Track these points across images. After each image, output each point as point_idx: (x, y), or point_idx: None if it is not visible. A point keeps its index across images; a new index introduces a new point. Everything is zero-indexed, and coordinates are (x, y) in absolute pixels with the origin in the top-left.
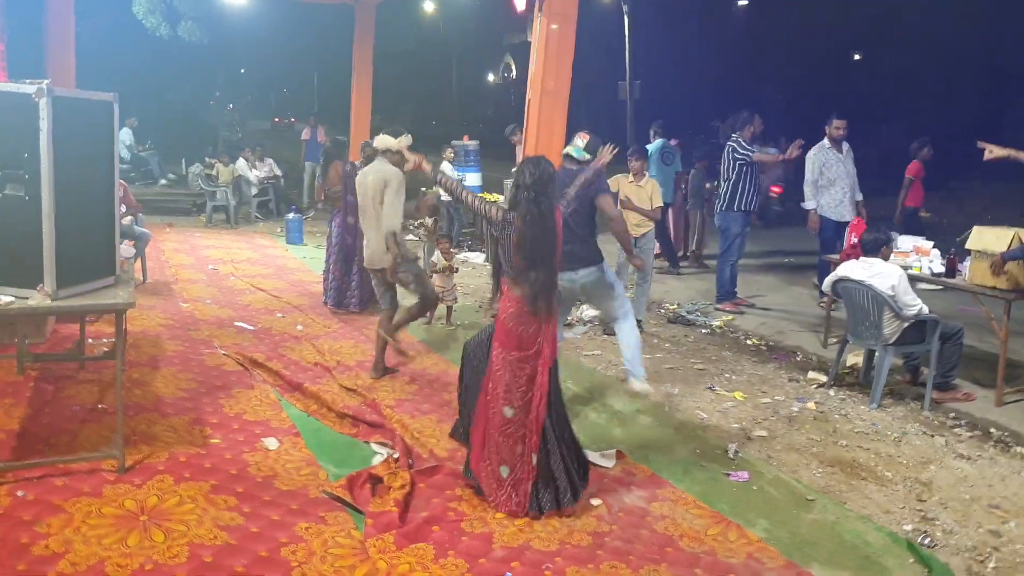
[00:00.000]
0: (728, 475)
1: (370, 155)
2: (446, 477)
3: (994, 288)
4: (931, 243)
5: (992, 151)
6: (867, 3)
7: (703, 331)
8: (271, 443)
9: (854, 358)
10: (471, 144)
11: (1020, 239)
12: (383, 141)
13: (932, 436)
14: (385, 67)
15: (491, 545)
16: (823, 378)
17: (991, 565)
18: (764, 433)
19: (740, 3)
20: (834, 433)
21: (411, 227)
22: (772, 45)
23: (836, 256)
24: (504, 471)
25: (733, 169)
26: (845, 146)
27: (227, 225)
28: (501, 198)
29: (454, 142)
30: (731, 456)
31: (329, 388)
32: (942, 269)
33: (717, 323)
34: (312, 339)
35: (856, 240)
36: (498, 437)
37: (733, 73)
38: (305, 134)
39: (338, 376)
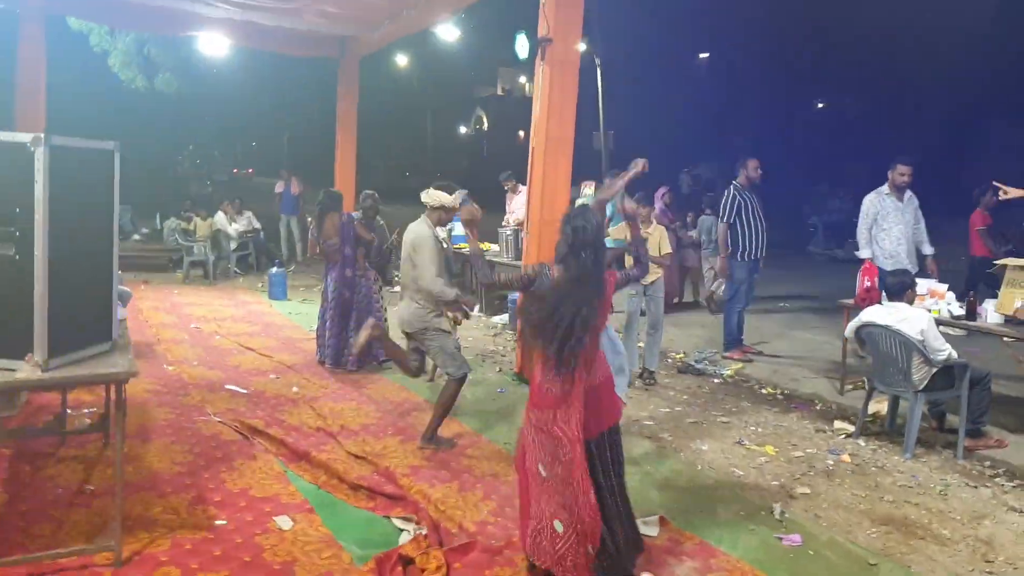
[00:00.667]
0: (780, 539)
1: (370, 207)
2: (482, 555)
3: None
4: (946, 286)
5: (1007, 192)
6: (828, 53)
7: (715, 380)
8: (284, 522)
9: (876, 405)
10: (460, 192)
11: None
12: (435, 197)
13: (976, 488)
14: (361, 120)
15: None
16: (850, 428)
17: None
18: (807, 490)
19: (702, 56)
20: (876, 488)
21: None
22: (738, 96)
23: (850, 301)
24: (559, 525)
25: (732, 214)
26: (907, 194)
27: (206, 281)
28: (493, 246)
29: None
30: (778, 517)
31: (336, 456)
32: (961, 311)
33: (728, 372)
34: (311, 401)
35: (869, 284)
36: (538, 492)
37: (701, 124)
38: (279, 187)
39: (344, 442)
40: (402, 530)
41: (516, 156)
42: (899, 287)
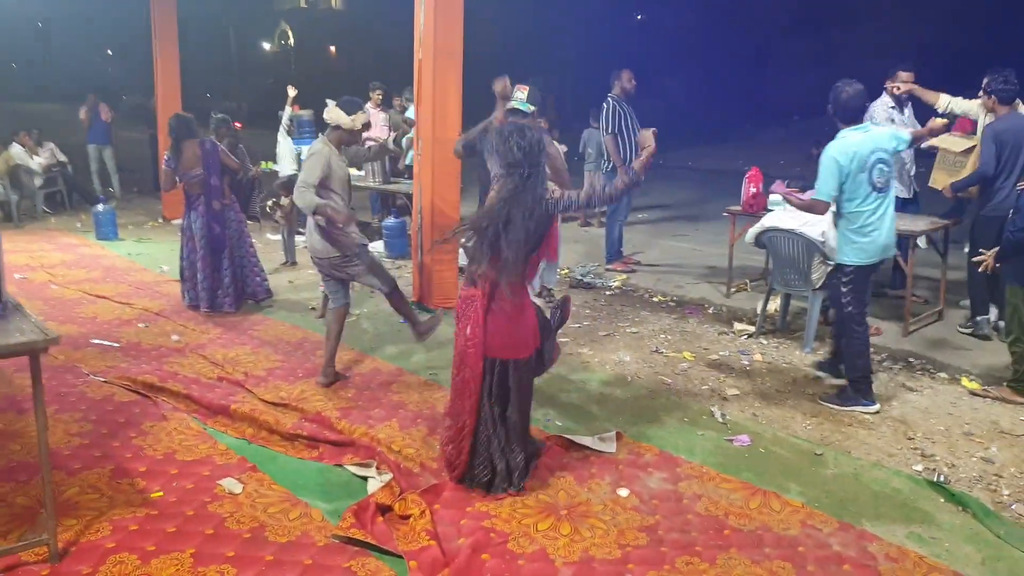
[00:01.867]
0: (731, 441)
1: (225, 131)
2: (456, 492)
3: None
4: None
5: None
6: None
7: (607, 293)
8: (232, 485)
9: (770, 306)
10: (305, 114)
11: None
12: (333, 115)
13: (873, 374)
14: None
15: (553, 564)
16: (750, 328)
17: (1005, 492)
18: (735, 391)
19: None
20: (794, 383)
21: (267, 208)
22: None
23: (737, 208)
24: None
25: (616, 125)
26: (908, 110)
27: (10, 224)
28: (357, 172)
29: (291, 112)
30: (721, 420)
31: (255, 406)
32: None
33: (615, 283)
34: (198, 349)
35: (755, 191)
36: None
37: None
38: (82, 113)
39: (255, 390)
40: (363, 477)
41: (331, 76)
42: (802, 190)
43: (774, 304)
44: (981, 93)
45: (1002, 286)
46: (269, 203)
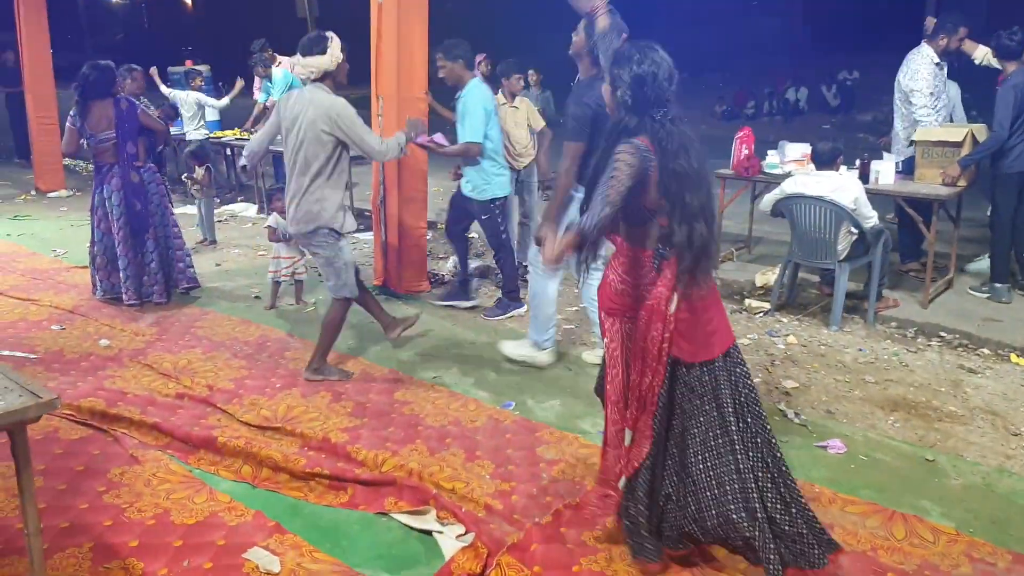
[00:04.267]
0: (824, 448)
1: (137, 87)
2: (550, 547)
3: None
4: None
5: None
6: None
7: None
8: (265, 560)
9: (762, 278)
10: (202, 68)
11: (974, 136)
12: (312, 64)
13: (916, 352)
14: None
15: None
16: (765, 305)
17: None
18: (793, 383)
19: None
20: (846, 369)
21: (182, 179)
22: None
23: (728, 172)
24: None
25: None
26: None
27: None
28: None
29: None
30: (798, 422)
31: (238, 432)
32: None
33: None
34: (137, 357)
35: (748, 152)
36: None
37: None
38: None
39: (229, 409)
40: (422, 531)
41: (185, 27)
42: (830, 155)
43: (770, 276)
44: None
45: None
46: (184, 176)
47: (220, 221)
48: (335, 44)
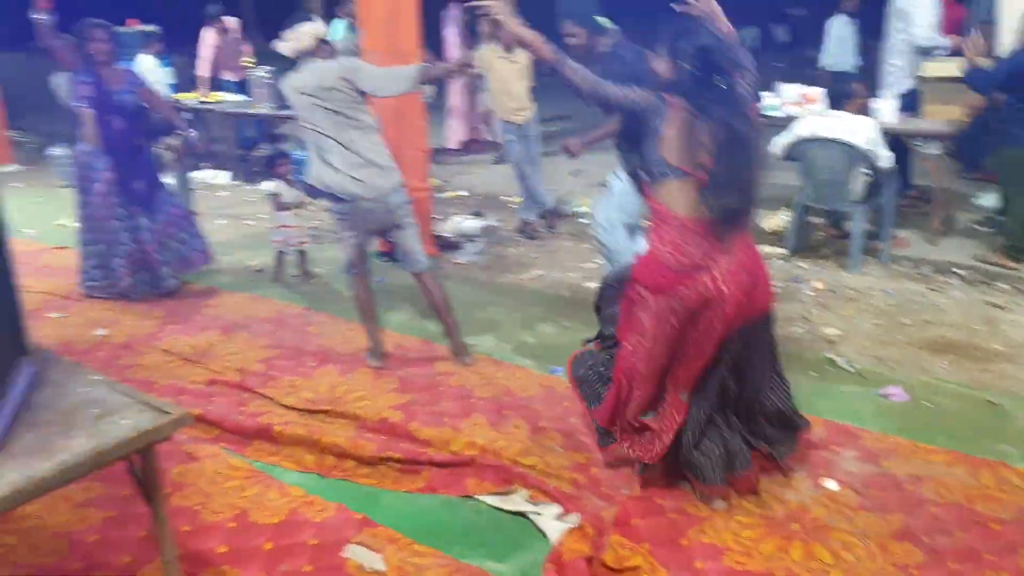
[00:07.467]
0: (886, 396)
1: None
2: (648, 519)
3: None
4: (821, 88)
5: None
6: None
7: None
8: (368, 558)
9: (770, 222)
10: (150, 28)
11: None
12: (304, 36)
13: (938, 291)
14: None
15: None
16: (781, 250)
17: None
18: (836, 331)
19: None
20: (881, 312)
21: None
22: None
23: None
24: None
25: None
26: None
27: None
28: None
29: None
30: (851, 370)
31: (287, 418)
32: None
33: (583, 208)
34: (151, 342)
35: None
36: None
37: None
38: None
39: (269, 392)
40: (516, 513)
41: None
42: (842, 95)
43: (776, 220)
44: None
45: None
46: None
47: (190, 190)
48: (316, 23)
